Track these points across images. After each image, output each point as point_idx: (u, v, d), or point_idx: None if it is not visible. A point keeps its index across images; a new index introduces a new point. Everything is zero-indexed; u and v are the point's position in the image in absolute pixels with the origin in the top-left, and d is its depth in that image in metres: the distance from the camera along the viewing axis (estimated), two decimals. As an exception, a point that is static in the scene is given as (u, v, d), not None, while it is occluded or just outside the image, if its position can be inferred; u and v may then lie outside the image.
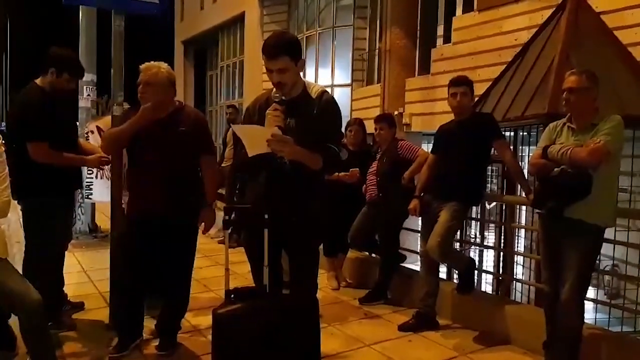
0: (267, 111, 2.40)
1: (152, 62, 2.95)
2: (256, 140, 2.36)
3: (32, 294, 2.42)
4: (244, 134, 2.46)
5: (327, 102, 2.51)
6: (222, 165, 6.85)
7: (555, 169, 2.73)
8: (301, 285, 2.60)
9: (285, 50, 2.38)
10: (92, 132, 4.46)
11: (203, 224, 3.10)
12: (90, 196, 5.31)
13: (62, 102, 3.30)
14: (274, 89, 2.48)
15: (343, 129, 4.57)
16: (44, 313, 2.45)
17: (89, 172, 5.11)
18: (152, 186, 2.92)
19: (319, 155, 2.41)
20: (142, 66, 2.95)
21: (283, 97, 2.48)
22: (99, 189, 5.19)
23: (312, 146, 2.38)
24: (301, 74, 2.53)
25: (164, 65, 2.97)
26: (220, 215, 2.74)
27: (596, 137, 2.64)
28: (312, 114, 2.46)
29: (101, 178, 5.05)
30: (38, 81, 3.20)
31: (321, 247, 4.53)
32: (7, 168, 2.52)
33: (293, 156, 2.37)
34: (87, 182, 5.16)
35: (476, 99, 4.38)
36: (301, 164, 2.40)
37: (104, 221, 6.19)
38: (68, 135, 3.33)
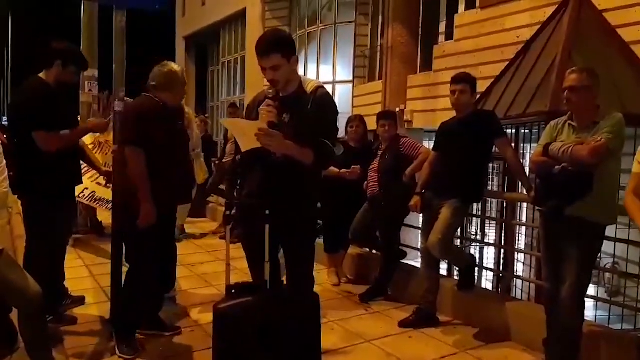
0: (260, 107, 2.41)
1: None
2: (247, 135, 2.37)
3: (32, 286, 2.44)
4: (233, 128, 2.48)
5: (321, 97, 2.49)
6: (224, 160, 6.87)
7: (556, 167, 2.72)
8: (298, 279, 2.61)
9: (276, 48, 2.38)
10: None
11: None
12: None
13: (65, 96, 3.31)
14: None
15: (344, 125, 4.57)
16: (43, 305, 2.48)
17: None
18: (180, 179, 3.19)
19: (309, 150, 2.39)
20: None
21: (280, 94, 2.48)
22: None
23: (303, 141, 2.37)
24: (301, 70, 2.53)
25: None
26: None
27: (597, 135, 2.63)
28: (306, 109, 2.46)
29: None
30: (42, 75, 3.21)
31: (322, 243, 4.56)
32: (4, 160, 2.52)
33: (281, 150, 2.37)
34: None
35: (478, 96, 4.37)
36: (294, 158, 2.40)
37: (105, 217, 6.19)
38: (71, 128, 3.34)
